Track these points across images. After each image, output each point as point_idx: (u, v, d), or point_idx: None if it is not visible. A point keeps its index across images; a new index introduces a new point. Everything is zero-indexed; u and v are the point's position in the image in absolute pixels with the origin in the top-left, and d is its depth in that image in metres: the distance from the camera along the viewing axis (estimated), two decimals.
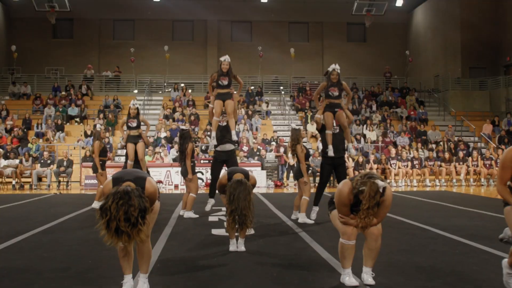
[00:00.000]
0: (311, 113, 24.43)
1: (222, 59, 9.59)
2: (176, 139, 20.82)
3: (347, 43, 33.99)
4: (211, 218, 9.36)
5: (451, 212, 10.41)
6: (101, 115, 23.54)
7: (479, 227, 8.20)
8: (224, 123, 9.57)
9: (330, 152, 8.82)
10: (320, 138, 9.87)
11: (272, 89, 29.43)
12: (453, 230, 7.72)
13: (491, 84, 28.29)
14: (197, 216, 9.50)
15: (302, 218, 8.71)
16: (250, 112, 24.30)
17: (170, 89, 28.46)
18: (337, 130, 8.98)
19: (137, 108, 11.17)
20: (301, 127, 9.65)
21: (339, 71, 9.03)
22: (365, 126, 23.58)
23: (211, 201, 9.90)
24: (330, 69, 9.04)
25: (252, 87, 28.44)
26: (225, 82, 9.52)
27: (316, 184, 10.98)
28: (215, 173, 9.56)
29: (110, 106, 24.87)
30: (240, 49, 31.36)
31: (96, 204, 10.31)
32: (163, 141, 21.14)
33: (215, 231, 7.72)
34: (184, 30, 33.41)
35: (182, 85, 27.22)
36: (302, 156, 8.87)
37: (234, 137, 9.50)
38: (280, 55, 31.61)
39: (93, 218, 4.32)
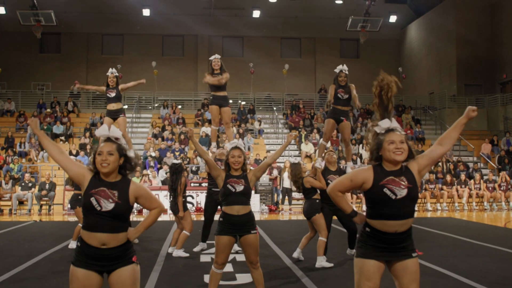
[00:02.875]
0: (305, 132, 23.66)
1: (211, 58, 8.82)
2: (165, 159, 19.97)
3: (340, 59, 33.14)
4: (203, 258, 8.45)
5: (466, 248, 9.55)
6: (87, 134, 22.60)
7: (506, 270, 7.35)
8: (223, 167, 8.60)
9: (318, 164, 7.96)
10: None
11: (265, 106, 28.68)
12: (479, 276, 6.83)
13: (488, 102, 27.72)
14: (187, 254, 8.59)
15: (319, 262, 7.70)
16: (241, 131, 23.47)
17: (158, 105, 27.63)
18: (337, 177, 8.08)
19: (116, 77, 9.95)
20: (300, 161, 8.61)
21: (347, 72, 8.18)
22: (361, 145, 22.84)
23: (203, 245, 8.95)
24: (337, 70, 8.25)
25: (243, 103, 27.68)
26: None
27: None
28: (208, 214, 8.61)
29: (97, 124, 23.93)
30: (231, 65, 30.43)
31: (72, 244, 9.31)
32: (149, 159, 20.23)
33: (207, 278, 6.81)
34: (174, 45, 32.68)
35: (179, 107, 26.40)
36: (316, 182, 7.88)
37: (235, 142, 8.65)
38: (273, 71, 30.94)
39: (69, 258, 3.72)
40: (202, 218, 9.26)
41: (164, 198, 17.06)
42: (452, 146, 3.92)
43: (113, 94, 9.90)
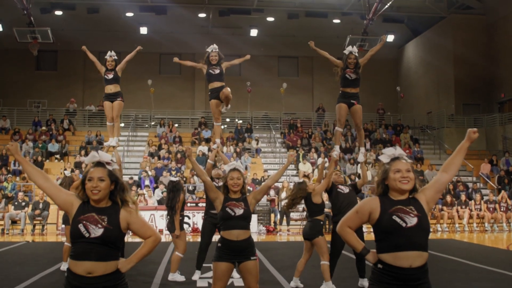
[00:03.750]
0: (302, 151, 23.45)
1: (209, 49, 8.54)
2: (162, 178, 19.69)
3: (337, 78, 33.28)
4: (199, 283, 8.14)
5: (470, 272, 9.28)
6: (83, 152, 22.32)
7: None
8: (220, 183, 8.28)
9: (335, 153, 7.66)
10: (328, 199, 8.16)
11: (262, 125, 28.50)
12: None
13: (487, 122, 27.60)
14: (183, 278, 8.29)
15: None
16: (238, 150, 23.24)
17: (154, 123, 27.42)
18: (347, 190, 7.76)
19: (115, 60, 9.62)
20: (306, 180, 8.24)
21: (356, 54, 7.85)
22: (359, 165, 22.57)
23: (199, 273, 8.51)
24: (346, 52, 7.90)
25: (241, 122, 27.49)
26: (217, 71, 8.52)
27: None
28: (205, 239, 8.22)
29: (92, 142, 23.66)
30: (228, 83, 30.25)
31: (64, 266, 8.98)
32: (144, 174, 19.96)
33: None
34: (171, 64, 32.25)
35: (176, 125, 26.21)
36: (319, 191, 7.59)
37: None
38: (270, 90, 30.85)
39: (59, 284, 3.44)
40: (198, 239, 8.94)
41: (160, 218, 16.78)
42: (457, 172, 3.75)
43: (111, 76, 9.60)
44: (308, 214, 7.83)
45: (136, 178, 20.30)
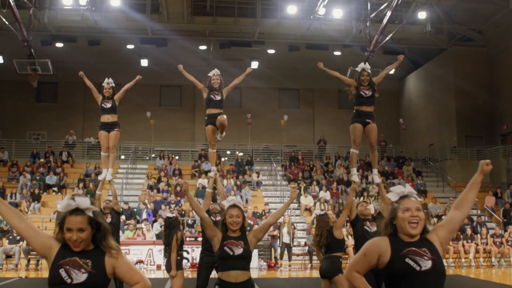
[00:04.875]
0: (304, 184, 23.11)
1: (210, 74, 8.27)
2: (160, 212, 19.31)
3: (338, 110, 33.23)
4: None
5: None
6: (81, 185, 21.98)
7: None
8: (218, 218, 7.85)
9: (355, 177, 7.26)
10: (353, 234, 7.59)
11: (263, 158, 28.23)
12: None
13: (490, 154, 27.30)
14: None
15: None
16: (239, 183, 22.91)
17: (154, 155, 27.16)
18: (375, 229, 6.94)
19: (113, 88, 9.25)
20: (328, 212, 7.77)
21: (369, 71, 7.54)
22: (361, 198, 22.24)
23: None
24: (358, 69, 7.62)
25: (241, 154, 27.24)
26: (218, 97, 8.24)
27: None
28: (201, 280, 7.59)
29: (91, 175, 23.36)
30: (229, 115, 30.04)
31: None
32: (142, 206, 19.60)
33: None
34: (172, 96, 32.56)
35: (176, 158, 25.99)
36: (341, 224, 7.10)
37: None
38: (271, 122, 30.71)
39: None
40: (196, 275, 8.48)
41: (158, 252, 16.37)
42: (471, 208, 3.44)
43: (108, 105, 9.21)
44: (325, 250, 7.25)
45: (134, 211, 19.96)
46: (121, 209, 11.97)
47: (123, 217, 17.98)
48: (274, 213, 5.42)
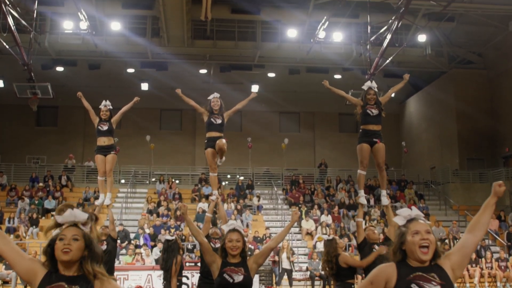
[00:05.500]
0: (305, 208, 22.87)
1: (210, 97, 8.11)
2: (160, 236, 19.03)
3: (339, 134, 33.20)
4: None
5: None
6: (80, 209, 21.72)
7: None
8: (218, 245, 7.54)
9: (362, 199, 7.06)
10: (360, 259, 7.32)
11: (263, 181, 28.03)
12: None
13: (492, 177, 27.08)
14: None
15: None
16: (239, 207, 22.67)
17: (154, 179, 26.98)
18: (384, 251, 6.58)
19: (110, 110, 9.11)
20: (336, 237, 7.50)
21: (376, 89, 7.36)
22: (364, 222, 21.95)
23: None
24: (365, 87, 7.45)
25: (242, 178, 27.05)
26: (218, 121, 8.09)
27: None
28: None
29: (90, 199, 23.14)
30: (229, 138, 30.00)
31: None
32: (140, 231, 19.35)
33: None
34: (172, 119, 32.52)
35: (176, 182, 25.86)
36: (355, 260, 6.89)
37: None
38: (271, 146, 30.59)
39: None
40: None
41: (157, 278, 16.07)
42: (485, 232, 3.27)
43: (105, 128, 9.08)
44: (335, 277, 6.97)
45: (133, 236, 19.70)
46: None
47: (118, 241, 17.73)
48: (275, 237, 5.24)
